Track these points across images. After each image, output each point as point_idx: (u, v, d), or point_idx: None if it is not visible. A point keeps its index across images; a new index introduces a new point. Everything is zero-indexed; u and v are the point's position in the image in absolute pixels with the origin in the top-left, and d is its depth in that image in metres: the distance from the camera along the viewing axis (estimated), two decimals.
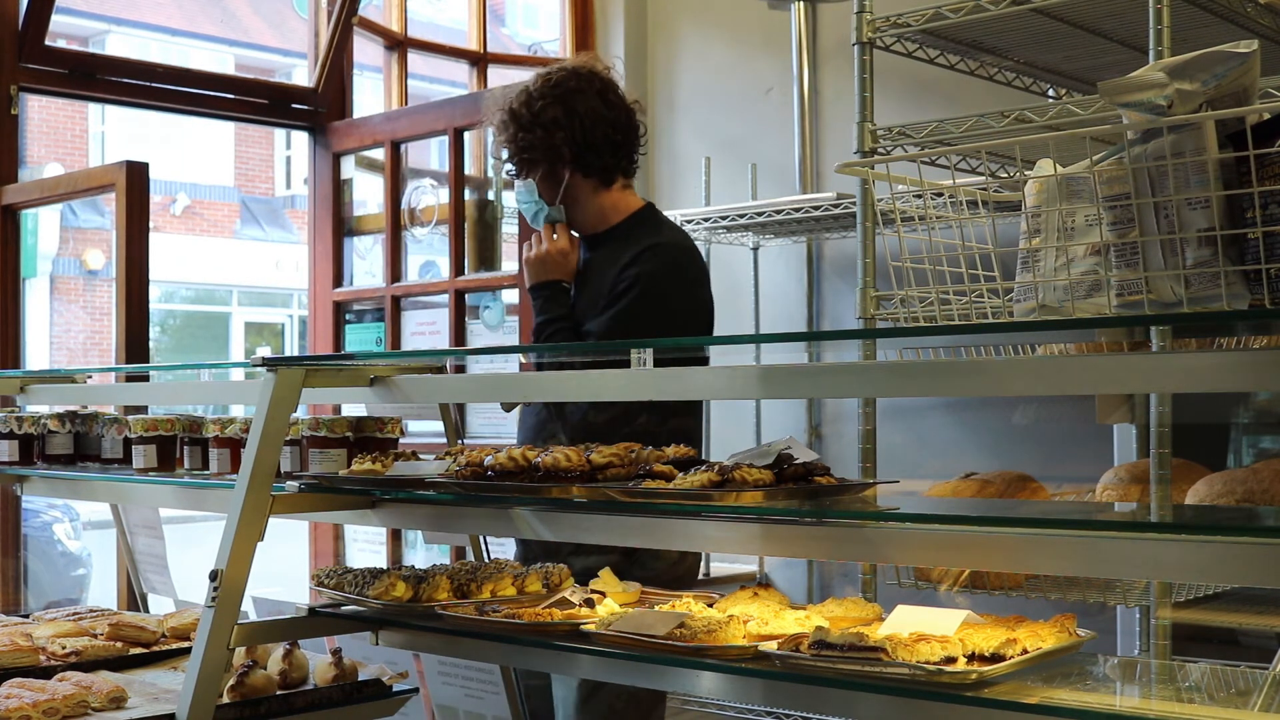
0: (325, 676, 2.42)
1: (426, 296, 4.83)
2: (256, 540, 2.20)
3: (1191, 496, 2.86)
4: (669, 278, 2.84)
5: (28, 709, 2.14)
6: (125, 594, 3.58)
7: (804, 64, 4.64)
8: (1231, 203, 1.64)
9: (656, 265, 2.82)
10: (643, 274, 2.81)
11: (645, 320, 2.78)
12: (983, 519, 1.82)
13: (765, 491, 1.84)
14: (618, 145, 2.94)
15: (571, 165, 2.91)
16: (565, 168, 2.91)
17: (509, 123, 2.92)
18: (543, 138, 2.89)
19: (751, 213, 4.29)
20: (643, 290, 2.80)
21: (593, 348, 2.60)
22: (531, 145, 2.90)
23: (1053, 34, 3.18)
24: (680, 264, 2.87)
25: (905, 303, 2.67)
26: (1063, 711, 1.60)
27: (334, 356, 2.54)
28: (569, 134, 2.89)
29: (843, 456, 4.35)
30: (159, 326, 18.86)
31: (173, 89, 4.63)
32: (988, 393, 2.23)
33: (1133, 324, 1.97)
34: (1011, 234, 2.07)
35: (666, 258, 2.85)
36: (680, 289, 2.85)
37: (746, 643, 1.88)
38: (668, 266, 2.84)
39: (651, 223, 2.97)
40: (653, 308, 2.80)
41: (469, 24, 5.41)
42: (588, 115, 2.90)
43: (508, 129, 2.92)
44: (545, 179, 2.93)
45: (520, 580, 2.41)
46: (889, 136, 3.16)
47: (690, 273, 2.88)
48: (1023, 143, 1.86)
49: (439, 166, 4.93)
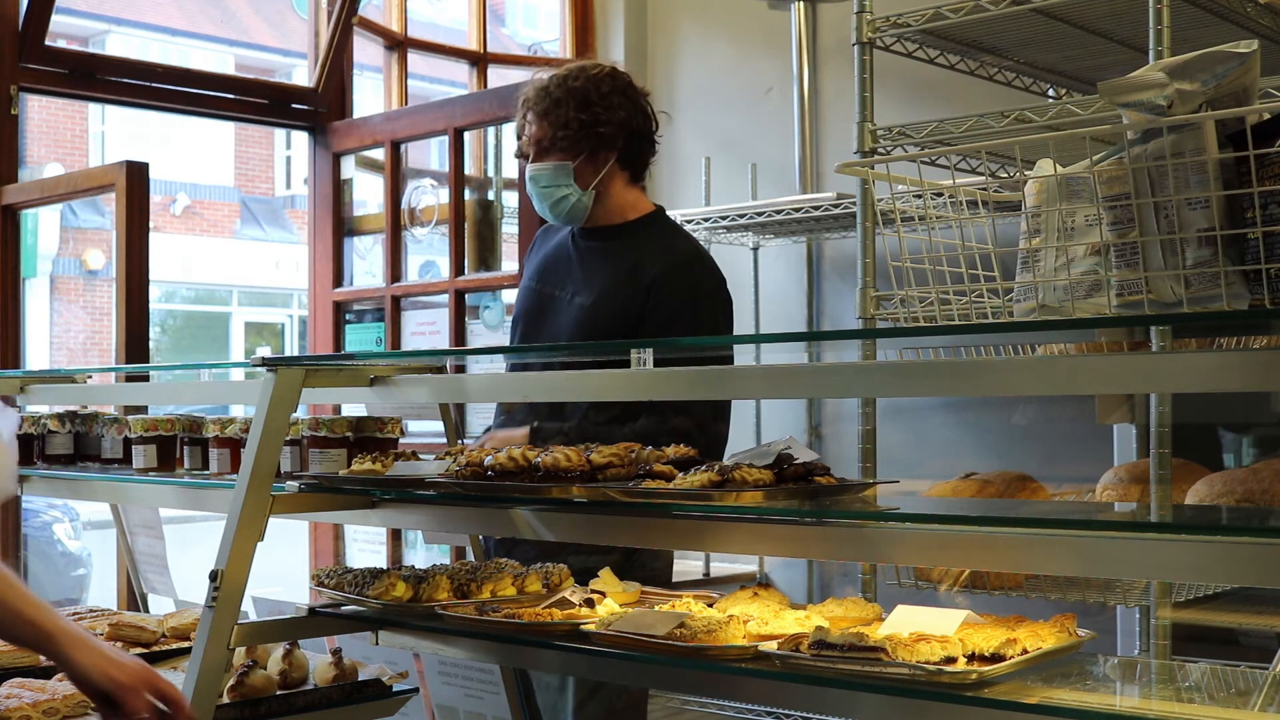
0: (325, 676, 2.42)
1: (426, 296, 4.83)
2: (256, 540, 2.20)
3: (1191, 496, 2.86)
4: (718, 296, 2.90)
5: (28, 709, 2.14)
6: (125, 594, 3.58)
7: (804, 64, 4.64)
8: (1231, 203, 1.64)
9: (696, 272, 2.87)
10: (703, 286, 2.86)
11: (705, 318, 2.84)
12: (983, 519, 1.82)
13: (765, 491, 1.84)
14: (654, 145, 2.98)
15: (620, 153, 2.90)
16: (612, 154, 2.89)
17: (566, 101, 2.85)
18: (604, 118, 2.86)
19: (751, 213, 4.29)
20: (698, 294, 2.85)
21: (593, 348, 2.60)
22: (592, 123, 2.85)
23: (1053, 34, 3.18)
24: (721, 282, 2.93)
25: (905, 303, 2.67)
26: (1063, 711, 1.60)
27: (334, 356, 2.55)
28: (629, 120, 2.89)
29: (843, 456, 4.35)
30: (159, 326, 18.86)
31: (173, 89, 4.63)
32: (988, 393, 2.23)
33: (1133, 324, 1.97)
34: (1011, 234, 2.07)
35: (712, 272, 2.92)
36: (725, 308, 2.92)
37: (746, 643, 1.88)
38: (717, 283, 2.91)
39: (671, 227, 3.00)
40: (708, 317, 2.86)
41: (469, 24, 5.41)
42: (642, 109, 2.92)
43: (563, 107, 2.85)
44: (586, 163, 2.88)
45: (520, 580, 2.41)
46: (889, 136, 3.16)
47: (725, 290, 2.95)
48: (1023, 143, 1.86)
49: (439, 166, 4.93)
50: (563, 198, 2.88)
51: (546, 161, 2.88)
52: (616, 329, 2.80)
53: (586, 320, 2.86)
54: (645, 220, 2.96)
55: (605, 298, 2.86)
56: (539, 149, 2.88)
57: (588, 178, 2.88)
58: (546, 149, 2.87)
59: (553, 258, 3.00)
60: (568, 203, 2.88)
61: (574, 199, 2.88)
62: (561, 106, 2.84)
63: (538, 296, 2.98)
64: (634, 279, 2.84)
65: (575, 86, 2.86)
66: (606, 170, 2.89)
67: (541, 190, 2.89)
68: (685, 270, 2.86)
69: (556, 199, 2.89)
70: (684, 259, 2.88)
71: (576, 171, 2.87)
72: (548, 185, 2.88)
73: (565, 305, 2.92)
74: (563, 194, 2.88)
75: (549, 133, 2.86)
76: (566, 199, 2.88)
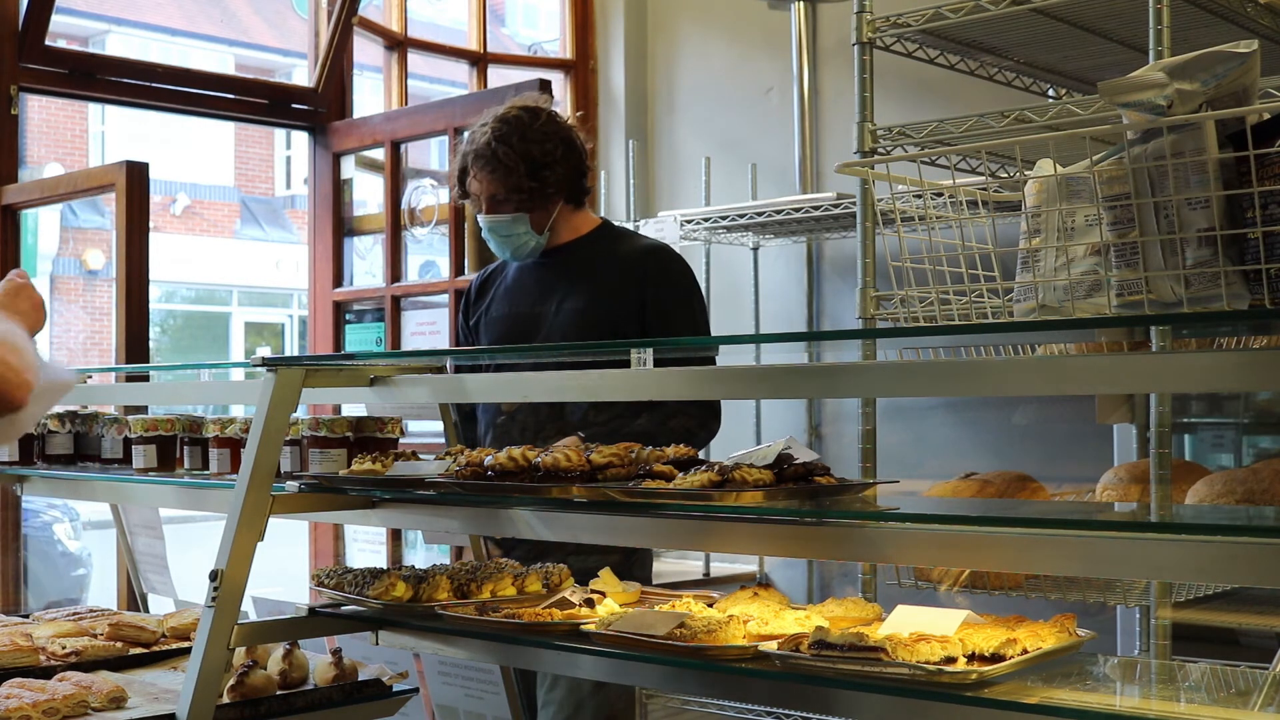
0: (325, 676, 2.42)
1: (426, 296, 4.83)
2: (256, 540, 2.20)
3: (1191, 496, 2.86)
4: (696, 285, 3.12)
5: (28, 709, 2.14)
6: (125, 594, 3.58)
7: (804, 64, 4.64)
8: (1231, 203, 1.64)
9: (679, 262, 3.08)
10: (688, 275, 3.06)
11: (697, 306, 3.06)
12: (983, 519, 1.82)
13: (765, 491, 1.84)
14: (589, 169, 3.18)
15: (565, 195, 3.07)
16: (559, 198, 3.06)
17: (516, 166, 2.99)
18: (551, 177, 3.01)
19: (751, 213, 4.29)
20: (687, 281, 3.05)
21: (593, 347, 2.60)
22: (541, 184, 3.00)
23: (1053, 34, 3.18)
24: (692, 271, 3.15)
25: (905, 303, 2.67)
26: (1063, 711, 1.60)
27: (334, 356, 2.55)
28: (572, 166, 3.06)
29: (843, 456, 4.35)
30: (159, 326, 18.86)
31: (173, 89, 4.63)
32: (988, 393, 2.23)
33: (1133, 324, 1.97)
34: (1011, 234, 2.07)
35: (685, 263, 3.11)
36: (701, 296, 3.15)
37: (746, 643, 1.88)
38: (693, 273, 3.11)
39: (625, 230, 3.25)
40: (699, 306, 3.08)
41: (469, 24, 5.41)
42: (578, 148, 3.09)
43: (514, 174, 2.99)
44: (538, 211, 3.04)
45: (520, 580, 2.41)
46: (889, 136, 3.16)
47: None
48: (1023, 143, 1.86)
49: (439, 166, 4.94)
50: (522, 244, 3.07)
51: (502, 214, 3.04)
52: (619, 321, 2.94)
53: (585, 320, 2.97)
54: (599, 231, 3.14)
55: (599, 294, 2.99)
56: (494, 201, 3.04)
57: (541, 221, 3.06)
58: (501, 202, 3.03)
59: (517, 282, 3.14)
60: (527, 246, 3.07)
61: (532, 242, 3.07)
62: (512, 173, 3.00)
63: (515, 320, 3.10)
64: (623, 272, 3.00)
65: (522, 148, 2.99)
66: (558, 210, 3.07)
67: (501, 239, 3.07)
68: (670, 261, 3.06)
69: (517, 245, 3.07)
70: (663, 252, 3.08)
71: (531, 219, 3.04)
72: (506, 234, 3.06)
73: (553, 315, 3.03)
74: (521, 241, 3.06)
75: (500, 191, 3.02)
76: (526, 244, 3.06)
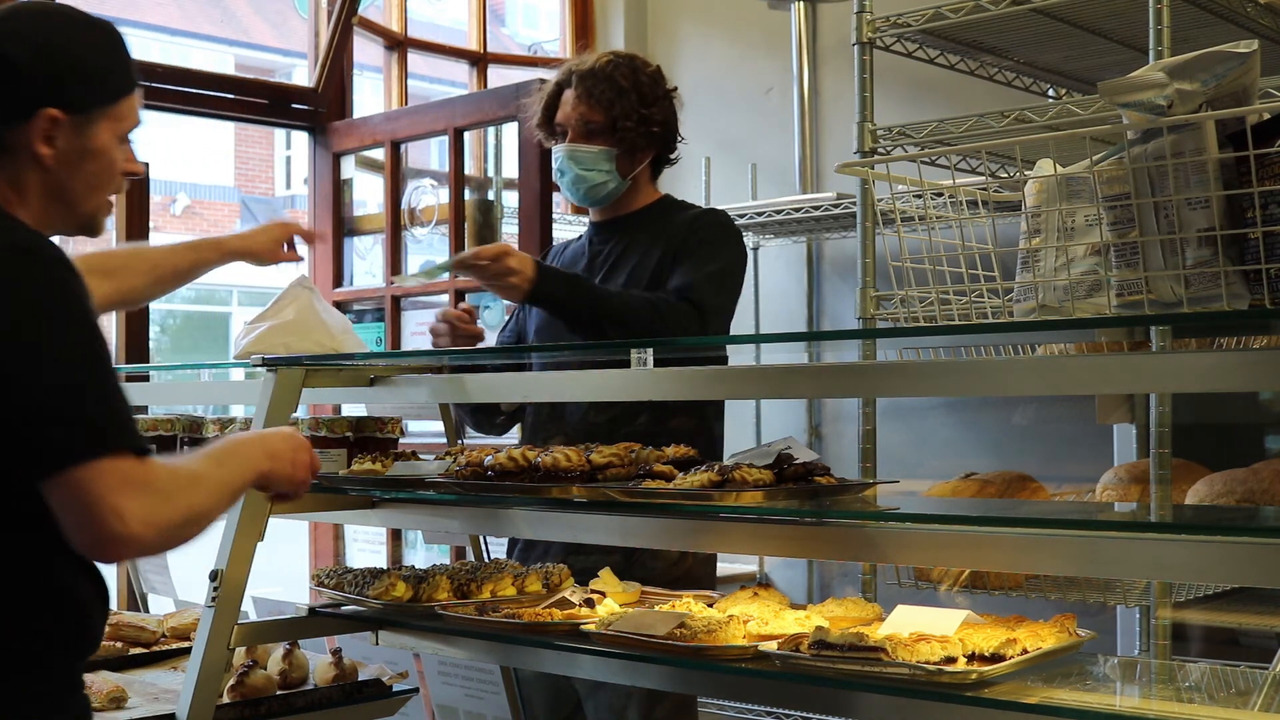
0: (325, 676, 2.42)
1: (426, 296, 4.83)
2: (256, 540, 2.20)
3: (1191, 496, 2.85)
4: (741, 246, 2.94)
5: None
6: (125, 594, 3.58)
7: (804, 64, 4.64)
8: (1231, 203, 1.64)
9: (724, 218, 2.94)
10: (718, 223, 2.90)
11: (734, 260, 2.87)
12: (983, 519, 1.82)
13: (765, 491, 1.84)
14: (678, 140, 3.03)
15: (657, 150, 2.94)
16: (651, 151, 2.93)
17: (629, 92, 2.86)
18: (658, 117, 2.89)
19: (751, 213, 4.29)
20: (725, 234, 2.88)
21: (594, 347, 2.60)
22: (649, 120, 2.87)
23: (1053, 34, 3.18)
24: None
25: (905, 303, 2.67)
26: (1063, 711, 1.60)
27: (334, 356, 2.54)
28: (670, 123, 2.94)
29: (843, 456, 4.35)
30: (159, 326, 18.85)
31: (173, 89, 4.62)
32: (988, 393, 2.23)
33: (1133, 324, 1.97)
34: (1011, 234, 2.07)
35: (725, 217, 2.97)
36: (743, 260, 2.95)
37: (746, 643, 1.88)
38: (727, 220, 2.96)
39: (684, 202, 3.04)
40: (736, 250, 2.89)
41: (469, 24, 5.41)
42: (675, 113, 2.96)
43: (626, 98, 2.85)
44: (628, 154, 2.89)
45: (520, 580, 2.41)
46: (889, 136, 3.16)
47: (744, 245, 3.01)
48: (1023, 143, 1.86)
49: (439, 166, 4.93)
50: (600, 182, 2.88)
51: (592, 144, 2.87)
52: None
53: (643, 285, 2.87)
54: (661, 203, 2.99)
55: (655, 269, 2.84)
56: (587, 130, 2.87)
57: (626, 168, 2.89)
58: (595, 132, 2.87)
59: (573, 261, 2.98)
60: (604, 188, 2.89)
61: (610, 186, 2.89)
62: (621, 99, 2.85)
63: None
64: (670, 238, 2.85)
65: (635, 80, 2.87)
66: (643, 165, 2.93)
67: (581, 171, 2.87)
68: (716, 214, 2.95)
69: (594, 183, 2.88)
70: (713, 212, 2.97)
71: (619, 160, 2.88)
72: (589, 168, 2.87)
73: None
74: (601, 179, 2.88)
75: (602, 117, 2.86)
76: (604, 184, 2.88)
